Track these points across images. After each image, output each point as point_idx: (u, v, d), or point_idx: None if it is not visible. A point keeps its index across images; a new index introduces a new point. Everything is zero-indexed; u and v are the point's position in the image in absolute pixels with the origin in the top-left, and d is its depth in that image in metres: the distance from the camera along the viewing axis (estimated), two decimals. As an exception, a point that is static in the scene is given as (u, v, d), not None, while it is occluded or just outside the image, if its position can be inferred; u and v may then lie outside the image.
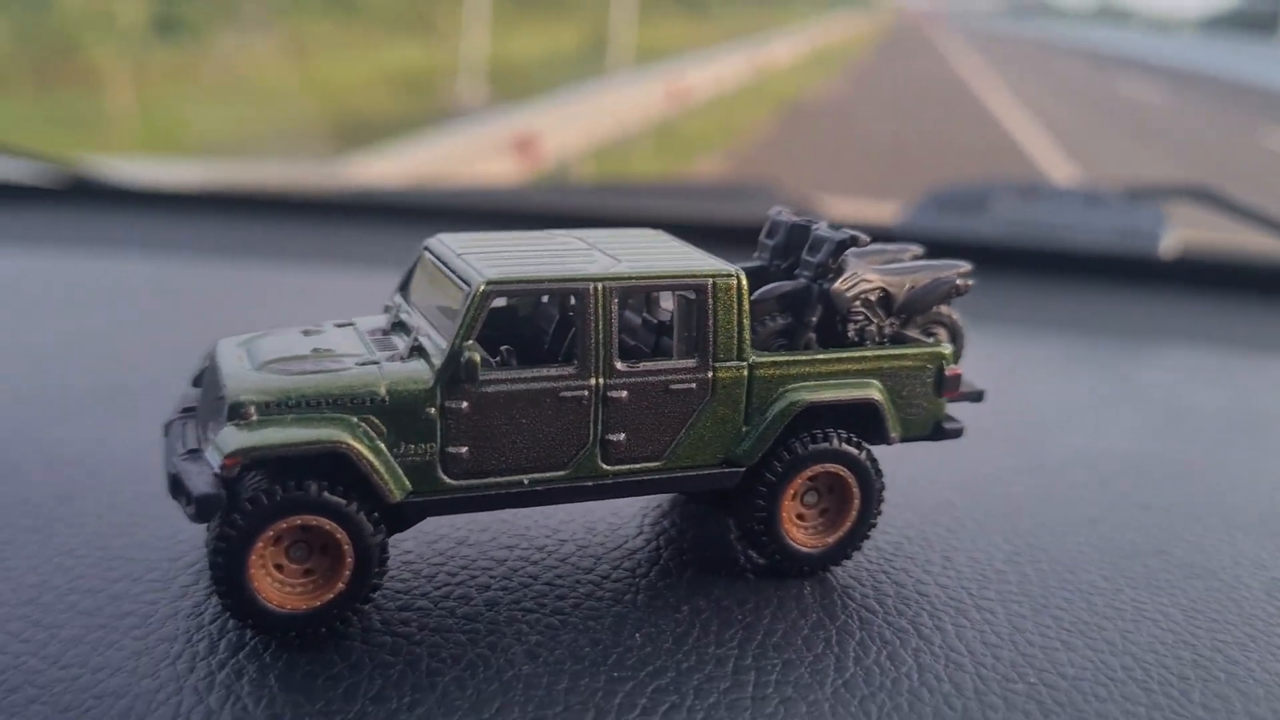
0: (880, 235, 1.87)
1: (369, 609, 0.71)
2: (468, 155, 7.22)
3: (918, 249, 0.86)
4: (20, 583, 0.74)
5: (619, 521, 0.84)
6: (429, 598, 0.73)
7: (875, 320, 0.80)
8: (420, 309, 0.76)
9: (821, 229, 0.81)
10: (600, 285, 0.71)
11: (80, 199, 1.96)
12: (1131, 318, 1.64)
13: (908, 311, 0.81)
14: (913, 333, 0.83)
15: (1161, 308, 1.68)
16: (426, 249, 0.79)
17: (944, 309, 0.84)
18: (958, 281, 0.83)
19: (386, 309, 0.80)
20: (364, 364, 0.70)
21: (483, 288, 0.69)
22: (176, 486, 0.67)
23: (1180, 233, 1.84)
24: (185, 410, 0.77)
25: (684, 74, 11.93)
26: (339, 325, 0.77)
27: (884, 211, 2.09)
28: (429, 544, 0.79)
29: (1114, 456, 1.05)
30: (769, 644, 0.70)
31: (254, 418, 0.66)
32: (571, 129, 9.11)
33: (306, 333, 0.76)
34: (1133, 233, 1.81)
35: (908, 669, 0.68)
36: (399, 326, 0.76)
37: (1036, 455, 1.04)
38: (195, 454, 0.69)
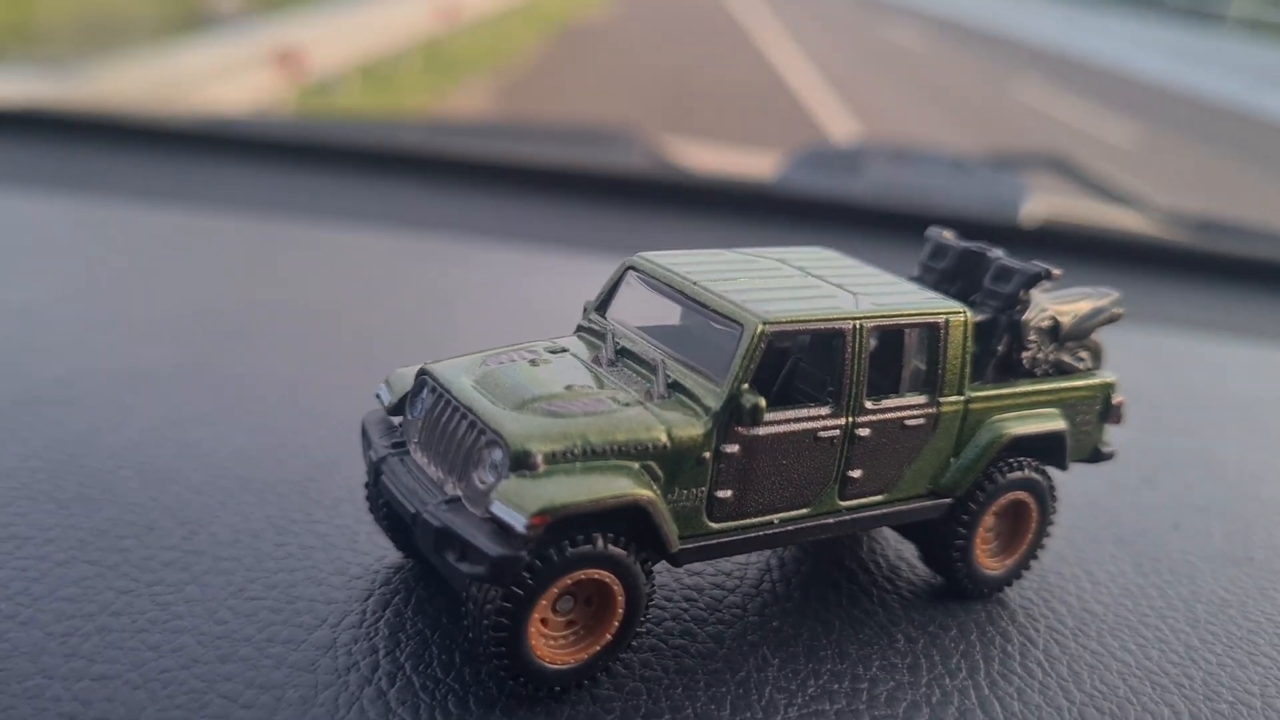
0: (757, 192, 1.89)
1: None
2: (226, 66, 6.68)
3: (1059, 272, 0.85)
4: (204, 633, 0.64)
5: (777, 551, 0.82)
6: (655, 635, 0.70)
7: (1044, 349, 0.81)
8: (646, 336, 0.70)
9: (1005, 259, 0.81)
10: (859, 324, 0.68)
11: None
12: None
13: (1069, 339, 0.83)
14: (1066, 358, 0.83)
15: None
16: (634, 269, 0.73)
17: (1093, 335, 0.85)
18: (1114, 310, 0.85)
19: (585, 329, 0.74)
20: (629, 404, 0.64)
21: (761, 328, 0.65)
22: (447, 541, 0.60)
23: (1039, 201, 1.93)
24: (395, 445, 0.68)
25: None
26: (553, 351, 0.70)
27: (758, 165, 2.09)
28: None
29: (1128, 449, 1.09)
30: (994, 672, 0.71)
31: (542, 468, 0.59)
32: (336, 43, 8.67)
33: (534, 362, 0.68)
34: (996, 200, 1.89)
35: (1123, 693, 0.71)
36: (625, 354, 0.69)
37: None
38: (456, 503, 0.62)
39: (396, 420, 0.71)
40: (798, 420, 0.67)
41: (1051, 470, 0.82)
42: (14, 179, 1.50)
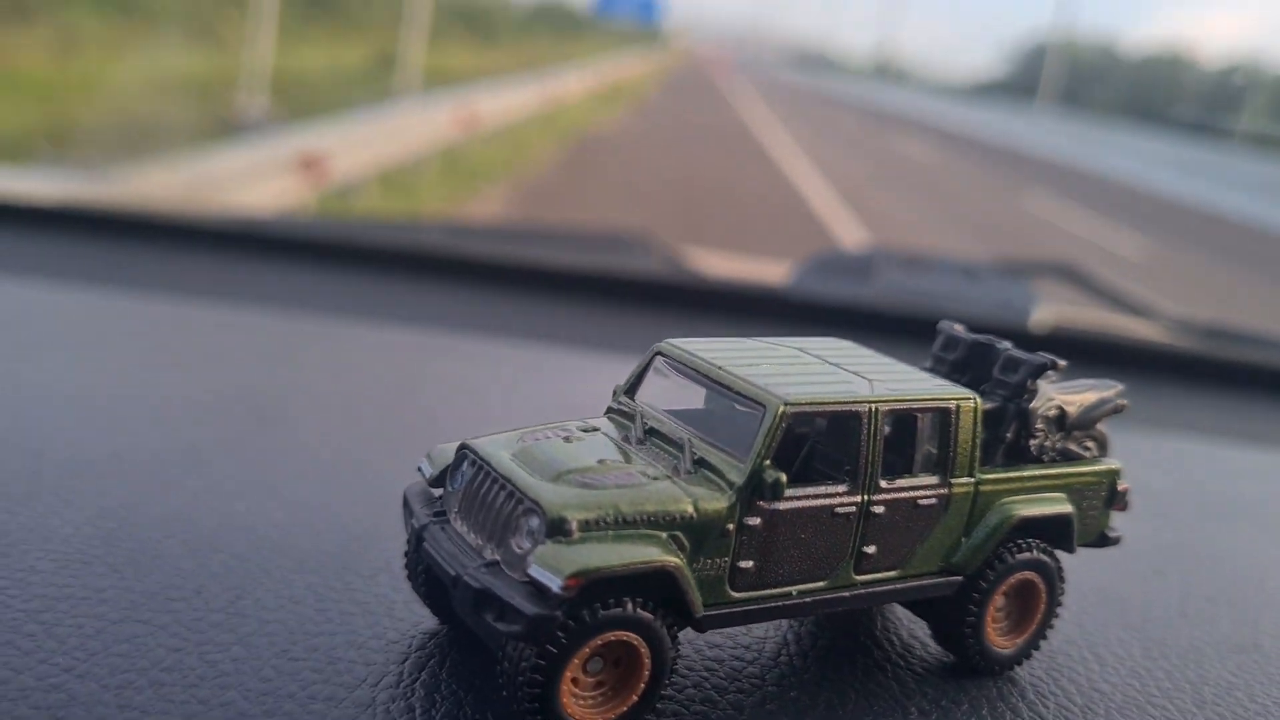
0: (771, 296, 1.95)
1: None
2: (251, 170, 6.92)
3: (1064, 363, 0.89)
4: (250, 690, 0.67)
5: (794, 625, 0.85)
6: (676, 701, 0.72)
7: (1051, 437, 0.85)
8: (672, 418, 0.75)
9: (1011, 350, 0.85)
10: (874, 407, 0.73)
11: None
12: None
13: (1076, 428, 0.87)
14: (1073, 446, 0.87)
15: None
16: (662, 354, 0.78)
17: (1098, 425, 0.89)
18: (1118, 401, 0.89)
19: (614, 411, 0.78)
20: (658, 478, 0.69)
21: (782, 409, 0.69)
22: (487, 601, 0.64)
23: (1049, 308, 1.99)
24: (436, 514, 0.73)
25: (473, 101, 11.86)
26: (585, 430, 0.75)
27: (772, 273, 2.16)
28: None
29: (1137, 542, 1.12)
30: None
31: (577, 535, 0.64)
32: (359, 150, 8.96)
33: (568, 439, 0.73)
34: (1006, 306, 1.94)
35: None
36: (653, 433, 0.74)
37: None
38: (495, 566, 0.66)
39: (437, 492, 0.75)
40: (816, 497, 0.71)
41: (1060, 554, 0.86)
42: (56, 273, 1.57)
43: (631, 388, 0.79)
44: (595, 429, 0.75)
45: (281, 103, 9.97)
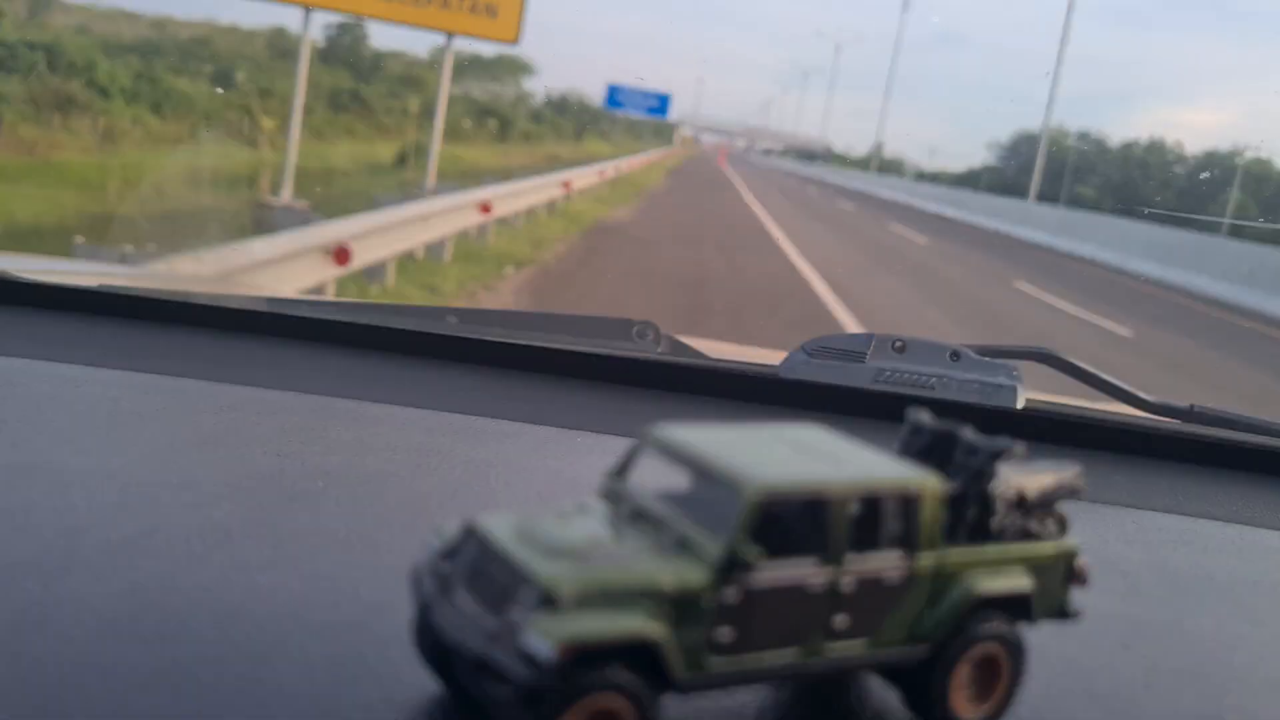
0: (766, 379, 2.02)
1: None
2: (285, 258, 7.23)
3: (1024, 449, 0.95)
4: None
5: (774, 694, 0.90)
6: None
7: (1011, 516, 0.92)
8: (659, 499, 0.82)
9: (971, 436, 0.92)
10: (845, 490, 0.80)
11: None
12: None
13: (1036, 508, 0.93)
14: (1033, 526, 0.94)
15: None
16: (650, 441, 0.85)
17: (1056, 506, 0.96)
18: (1076, 483, 0.95)
19: (605, 493, 0.85)
20: (642, 554, 0.75)
21: (757, 492, 0.76)
22: (483, 668, 0.71)
23: (1029, 391, 2.06)
24: (442, 587, 0.79)
25: (490, 194, 12.19)
26: (578, 510, 0.82)
27: (766, 357, 2.24)
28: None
29: (1106, 616, 1.17)
30: None
31: (567, 606, 0.70)
32: (382, 240, 9.28)
33: (560, 517, 0.80)
34: (992, 386, 2.01)
35: None
36: (640, 514, 0.81)
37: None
38: (492, 636, 0.72)
39: (445, 566, 0.82)
40: (789, 571, 0.78)
41: (1026, 627, 0.92)
42: (93, 356, 1.65)
43: (621, 470, 0.86)
44: (585, 508, 0.83)
45: (310, 196, 10.27)
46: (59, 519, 1.05)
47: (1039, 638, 1.09)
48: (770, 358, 2.28)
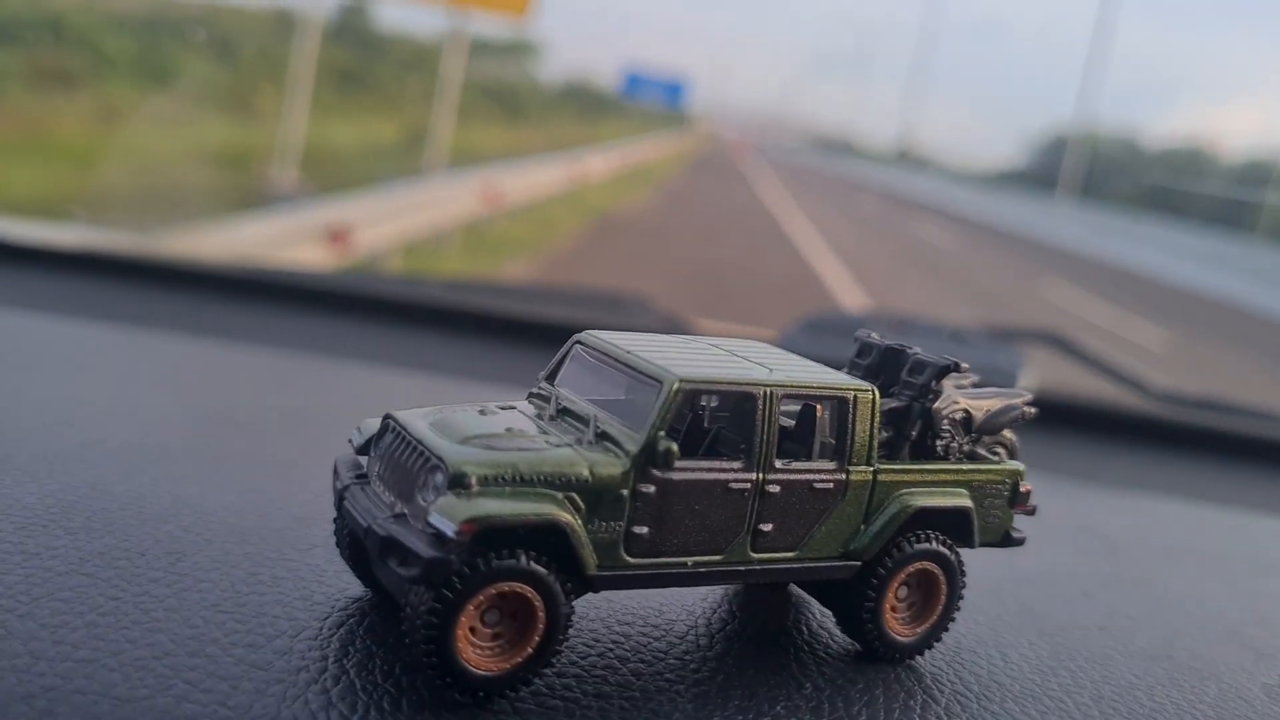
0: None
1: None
2: (281, 240, 7.13)
3: (977, 376, 0.96)
4: (177, 634, 0.72)
5: (709, 606, 0.89)
6: (579, 666, 0.77)
7: (958, 438, 0.90)
8: (585, 397, 0.80)
9: (919, 354, 0.91)
10: (769, 390, 0.78)
11: None
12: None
13: (982, 432, 0.92)
14: (981, 450, 0.92)
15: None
16: (581, 343, 0.84)
17: (1006, 432, 0.94)
18: (1025, 409, 0.94)
19: (534, 395, 0.84)
20: (560, 446, 0.74)
21: (676, 385, 0.75)
22: (391, 548, 0.69)
23: (1034, 374, 2.03)
24: (358, 477, 0.79)
25: (499, 178, 12.13)
26: (503, 407, 0.81)
27: (760, 334, 2.21)
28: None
29: (1074, 572, 1.17)
30: None
31: (475, 489, 0.69)
32: (385, 224, 9.17)
33: (483, 412, 0.78)
34: (993, 370, 1.98)
35: None
36: (565, 412, 0.80)
37: (1021, 567, 1.14)
38: (402, 518, 0.72)
39: (363, 459, 0.81)
40: (710, 470, 0.76)
41: (983, 559, 0.90)
42: (73, 311, 1.67)
43: (551, 374, 0.84)
44: (512, 407, 0.81)
45: (312, 175, 10.25)
46: (2, 432, 1.04)
47: (995, 581, 1.08)
48: (766, 334, 2.26)
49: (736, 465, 0.77)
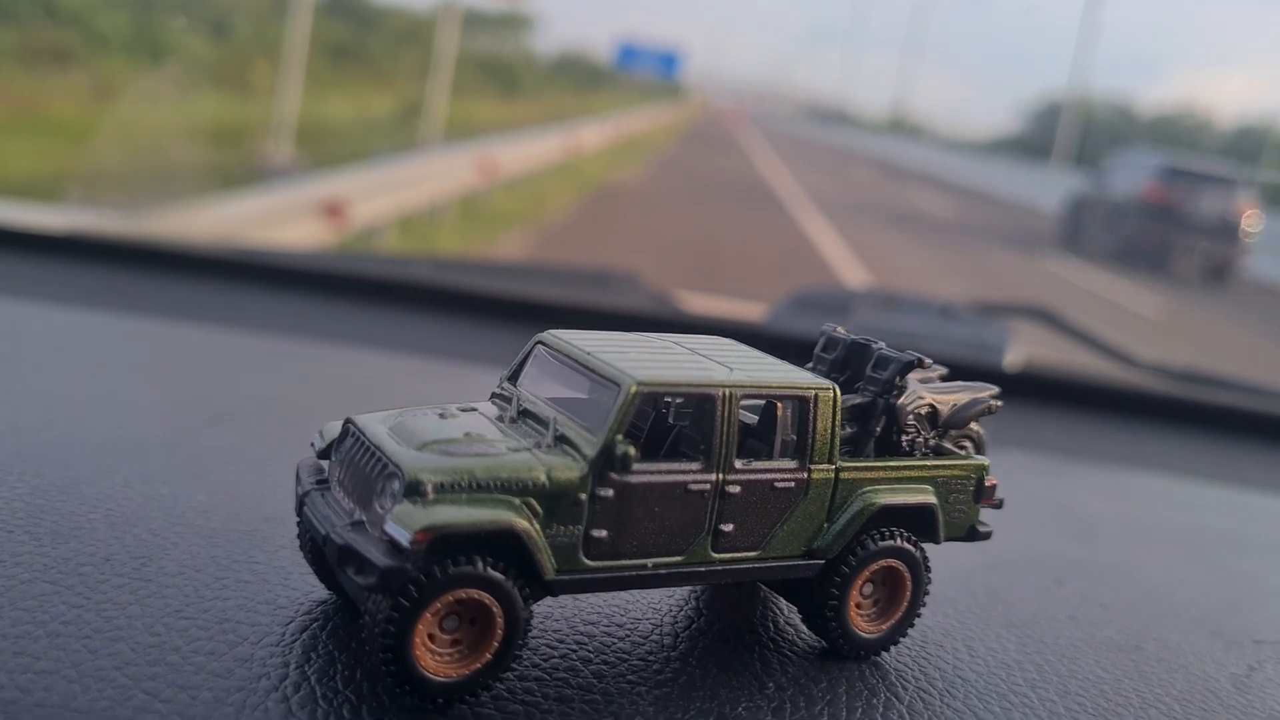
0: (748, 333, 2.00)
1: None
2: (277, 215, 7.09)
3: (944, 370, 0.96)
4: (138, 643, 0.72)
5: (675, 604, 0.90)
6: (541, 669, 0.77)
7: (923, 433, 0.90)
8: (545, 399, 0.80)
9: (884, 349, 0.90)
10: (728, 391, 0.78)
11: None
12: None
13: (948, 426, 0.92)
14: (947, 444, 0.92)
15: (1002, 417, 1.83)
16: (543, 344, 0.84)
17: (973, 425, 0.94)
18: (991, 403, 0.94)
19: (497, 396, 0.84)
20: (518, 450, 0.74)
21: (634, 389, 0.75)
22: (348, 557, 0.70)
23: (1022, 349, 2.03)
24: (319, 482, 0.79)
25: (494, 151, 12.06)
26: (463, 409, 0.80)
27: (749, 310, 2.21)
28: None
29: (1049, 557, 1.17)
30: (855, 719, 0.77)
31: (431, 496, 0.69)
32: (381, 198, 9.13)
33: (443, 415, 0.78)
34: (981, 345, 1.98)
35: None
36: (526, 414, 0.80)
37: (994, 553, 1.13)
38: (360, 526, 0.72)
39: (324, 463, 0.81)
40: (669, 472, 0.76)
41: (943, 551, 0.90)
42: (58, 297, 1.66)
43: (514, 375, 0.84)
44: (473, 409, 0.81)
45: (308, 150, 10.20)
46: None
47: (965, 570, 1.08)
48: (754, 310, 2.26)
49: (696, 466, 0.77)
